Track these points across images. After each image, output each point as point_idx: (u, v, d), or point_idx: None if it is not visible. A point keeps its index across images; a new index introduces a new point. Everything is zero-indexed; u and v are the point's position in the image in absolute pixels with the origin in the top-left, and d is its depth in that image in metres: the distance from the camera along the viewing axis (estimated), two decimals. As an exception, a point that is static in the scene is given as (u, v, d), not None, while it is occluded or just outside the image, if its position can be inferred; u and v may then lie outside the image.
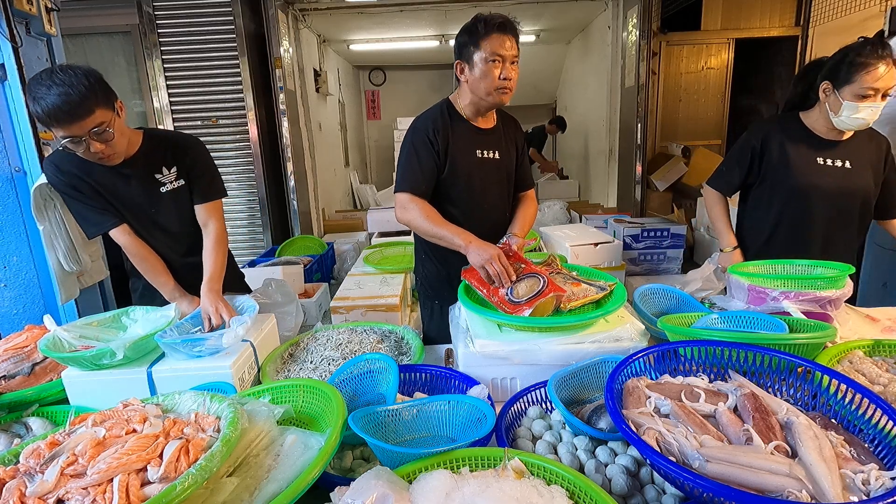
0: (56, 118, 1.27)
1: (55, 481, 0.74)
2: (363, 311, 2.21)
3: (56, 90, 1.26)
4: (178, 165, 1.62)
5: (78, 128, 1.31)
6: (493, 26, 1.56)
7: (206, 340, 1.21)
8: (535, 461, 0.84)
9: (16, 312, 2.10)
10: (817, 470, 0.73)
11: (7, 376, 1.32)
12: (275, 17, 4.17)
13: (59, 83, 1.27)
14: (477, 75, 1.61)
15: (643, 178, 4.84)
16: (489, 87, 1.61)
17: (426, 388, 1.28)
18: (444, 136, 1.68)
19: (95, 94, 1.32)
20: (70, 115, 1.28)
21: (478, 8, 4.84)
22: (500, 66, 1.59)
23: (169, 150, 1.62)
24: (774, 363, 1.00)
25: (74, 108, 1.28)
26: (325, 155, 5.60)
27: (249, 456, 0.85)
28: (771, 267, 1.61)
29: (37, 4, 2.01)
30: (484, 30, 1.57)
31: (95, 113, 1.32)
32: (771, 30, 4.88)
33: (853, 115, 1.63)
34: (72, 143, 1.34)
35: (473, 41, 1.59)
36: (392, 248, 3.31)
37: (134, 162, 1.56)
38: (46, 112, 1.27)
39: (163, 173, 1.60)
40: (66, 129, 1.30)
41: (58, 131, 1.31)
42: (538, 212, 5.13)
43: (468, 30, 1.62)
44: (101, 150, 1.38)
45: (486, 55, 1.57)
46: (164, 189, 1.61)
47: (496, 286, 1.45)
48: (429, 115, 1.72)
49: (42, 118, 1.29)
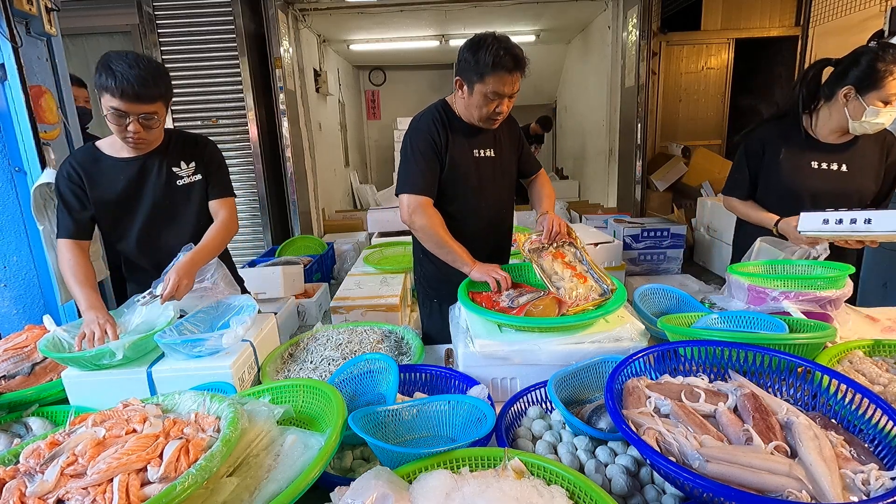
0: (123, 92, 1.39)
1: (55, 481, 0.74)
2: (363, 311, 2.21)
3: (136, 71, 1.39)
4: (197, 161, 1.68)
5: (134, 108, 1.43)
6: (500, 66, 1.50)
7: (205, 341, 1.21)
8: (535, 461, 0.84)
9: (16, 312, 2.10)
10: (817, 470, 0.73)
11: (7, 376, 1.32)
12: (275, 17, 4.17)
13: (141, 67, 1.40)
14: (473, 103, 1.61)
15: (643, 178, 4.84)
16: (481, 115, 1.62)
17: (426, 388, 1.28)
18: (443, 135, 1.69)
19: (163, 89, 1.47)
20: (136, 96, 1.41)
21: (478, 8, 4.84)
22: (497, 102, 1.58)
23: (188, 146, 1.68)
24: (774, 363, 1.00)
25: (143, 92, 1.41)
26: (325, 155, 5.60)
27: (249, 456, 0.85)
28: (771, 267, 1.61)
29: (37, 4, 2.01)
30: (491, 67, 1.50)
31: (155, 103, 1.47)
32: (771, 30, 4.89)
33: (874, 120, 1.61)
34: (116, 115, 1.43)
35: (478, 72, 1.53)
36: (392, 248, 3.31)
37: (153, 155, 1.63)
38: (118, 83, 1.38)
39: (181, 167, 1.66)
40: (125, 104, 1.41)
41: (113, 101, 1.40)
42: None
43: (475, 55, 1.53)
44: (138, 133, 1.48)
45: (487, 92, 1.55)
46: (180, 182, 1.65)
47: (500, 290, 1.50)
48: (427, 116, 1.73)
49: (109, 87, 1.38)
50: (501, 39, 1.53)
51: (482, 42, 1.53)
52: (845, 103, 1.66)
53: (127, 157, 1.60)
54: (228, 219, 1.70)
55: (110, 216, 1.64)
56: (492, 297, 1.50)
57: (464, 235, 1.68)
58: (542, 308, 1.36)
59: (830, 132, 1.75)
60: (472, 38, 1.57)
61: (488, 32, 1.56)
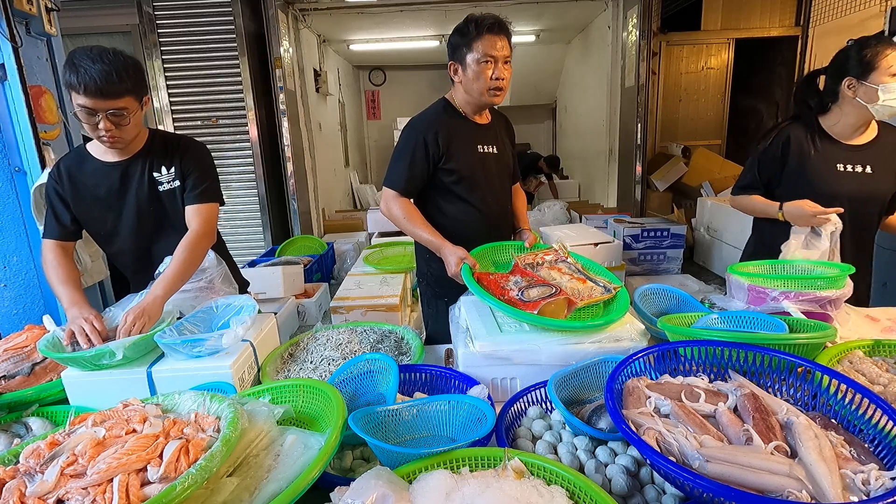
0: (87, 89, 1.35)
1: (55, 481, 0.74)
2: (363, 311, 2.21)
3: (100, 66, 1.35)
4: (176, 166, 1.62)
5: (100, 104, 1.39)
6: (484, 27, 1.58)
7: (205, 341, 1.21)
8: (535, 461, 0.84)
9: (16, 312, 2.10)
10: (817, 470, 0.73)
11: (7, 376, 1.32)
12: (275, 17, 4.17)
13: (106, 61, 1.36)
14: (470, 76, 1.64)
15: (643, 178, 4.84)
16: (482, 87, 1.64)
17: (426, 388, 1.28)
18: (445, 135, 1.71)
19: (130, 83, 1.41)
20: (101, 92, 1.37)
21: (478, 8, 4.84)
22: (493, 66, 1.61)
23: (168, 151, 1.63)
24: (774, 363, 1.00)
25: (107, 88, 1.37)
26: (325, 155, 5.60)
27: (249, 456, 0.85)
28: (771, 267, 1.61)
29: (37, 4, 2.01)
30: (476, 31, 1.59)
31: (123, 98, 1.41)
32: (771, 30, 4.89)
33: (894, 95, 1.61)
34: (85, 113, 1.40)
35: (465, 42, 1.61)
36: (392, 248, 3.31)
37: (135, 159, 1.59)
38: (81, 79, 1.34)
39: (161, 172, 1.61)
40: (91, 101, 1.37)
41: (79, 99, 1.37)
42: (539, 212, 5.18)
43: (460, 31, 1.64)
44: (109, 130, 1.43)
45: (479, 56, 1.60)
46: (161, 188, 1.61)
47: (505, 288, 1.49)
48: (428, 116, 1.75)
49: (73, 84, 1.35)
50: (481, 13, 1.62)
51: (464, 21, 1.63)
52: (854, 95, 1.66)
53: (110, 160, 1.57)
54: (199, 231, 1.56)
55: (94, 220, 1.62)
56: (498, 282, 1.50)
57: (470, 230, 1.71)
58: (554, 306, 1.36)
59: (853, 130, 1.74)
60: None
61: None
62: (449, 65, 1.71)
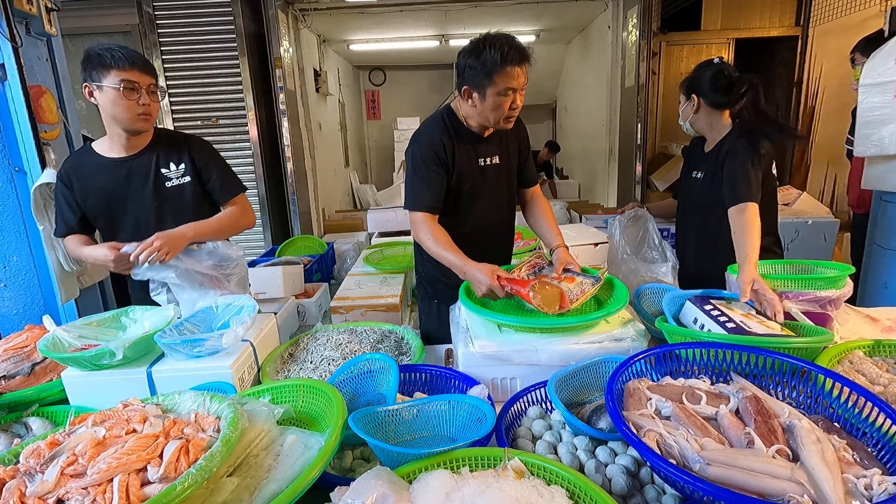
0: (133, 62, 1.48)
1: (55, 481, 0.74)
2: (363, 311, 2.21)
3: (128, 50, 1.50)
4: (186, 162, 1.67)
5: (143, 78, 1.52)
6: (508, 60, 1.47)
7: (205, 341, 1.21)
8: (535, 461, 0.84)
9: (16, 312, 2.10)
10: (819, 474, 0.73)
11: (7, 376, 1.32)
12: (275, 17, 4.17)
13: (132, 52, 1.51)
14: (488, 106, 1.56)
15: (643, 178, 4.84)
16: (497, 118, 1.58)
17: (426, 388, 1.28)
18: (449, 145, 1.66)
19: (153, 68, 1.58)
20: (145, 65, 1.52)
21: (478, 8, 4.84)
22: (512, 97, 1.54)
23: (176, 147, 1.67)
24: (777, 365, 1.00)
25: (145, 64, 1.53)
26: (325, 155, 5.59)
27: (249, 456, 0.84)
28: (771, 267, 1.61)
29: (37, 4, 2.00)
30: (500, 64, 1.48)
31: (155, 78, 1.57)
32: (771, 30, 4.88)
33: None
34: (129, 90, 1.49)
35: (486, 73, 1.50)
36: (392, 248, 3.31)
37: (141, 155, 1.63)
38: (127, 55, 1.47)
39: (169, 168, 1.65)
40: (136, 73, 1.49)
41: (123, 74, 1.47)
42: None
43: (479, 58, 1.50)
44: (148, 106, 1.54)
45: (500, 90, 1.51)
46: (169, 184, 1.65)
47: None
48: (433, 128, 1.69)
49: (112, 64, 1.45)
50: (500, 36, 1.51)
51: (483, 43, 1.50)
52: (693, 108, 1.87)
53: (116, 157, 1.62)
54: (240, 210, 1.73)
55: (101, 216, 1.65)
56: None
57: (467, 241, 1.67)
58: (549, 290, 1.36)
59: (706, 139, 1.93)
60: (469, 43, 1.54)
61: (485, 34, 1.53)
62: (463, 90, 1.59)
